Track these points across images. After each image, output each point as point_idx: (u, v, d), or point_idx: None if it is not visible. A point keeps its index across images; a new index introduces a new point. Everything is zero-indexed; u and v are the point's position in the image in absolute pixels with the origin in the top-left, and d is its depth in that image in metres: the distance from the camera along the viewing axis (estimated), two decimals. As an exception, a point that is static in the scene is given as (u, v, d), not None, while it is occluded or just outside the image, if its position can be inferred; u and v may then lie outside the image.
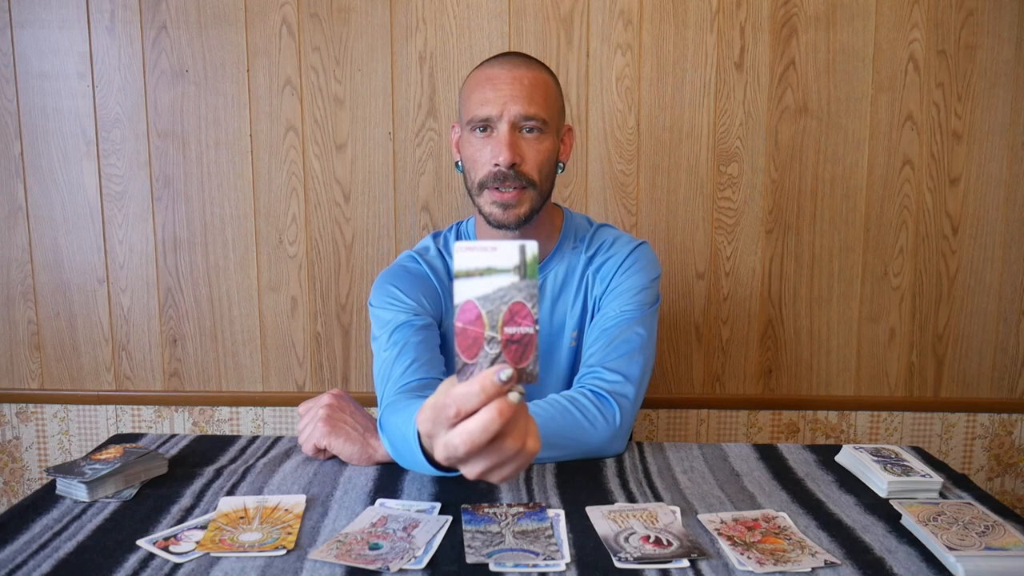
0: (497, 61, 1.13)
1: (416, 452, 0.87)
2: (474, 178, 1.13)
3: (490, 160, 1.10)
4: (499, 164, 1.08)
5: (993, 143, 1.67)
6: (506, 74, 1.09)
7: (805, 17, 1.64)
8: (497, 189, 1.10)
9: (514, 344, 0.59)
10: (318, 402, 1.07)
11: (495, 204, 1.11)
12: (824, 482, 0.98)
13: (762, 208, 1.70)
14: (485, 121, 1.10)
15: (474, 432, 0.58)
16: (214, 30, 1.67)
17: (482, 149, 1.11)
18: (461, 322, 0.59)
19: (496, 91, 1.09)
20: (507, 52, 1.16)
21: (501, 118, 1.09)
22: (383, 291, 1.16)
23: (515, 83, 1.09)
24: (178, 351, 1.77)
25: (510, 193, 1.10)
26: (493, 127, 1.10)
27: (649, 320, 1.16)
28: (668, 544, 0.79)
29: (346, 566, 0.76)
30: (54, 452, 1.81)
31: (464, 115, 1.14)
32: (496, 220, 1.12)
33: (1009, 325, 1.72)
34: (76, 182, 1.72)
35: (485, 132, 1.11)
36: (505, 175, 1.09)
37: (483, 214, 1.14)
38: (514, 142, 1.09)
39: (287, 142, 1.70)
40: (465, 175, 1.17)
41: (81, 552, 0.79)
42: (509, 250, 0.58)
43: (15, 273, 1.75)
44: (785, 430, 1.78)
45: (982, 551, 0.76)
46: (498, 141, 1.09)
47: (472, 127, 1.11)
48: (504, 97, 1.08)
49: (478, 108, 1.10)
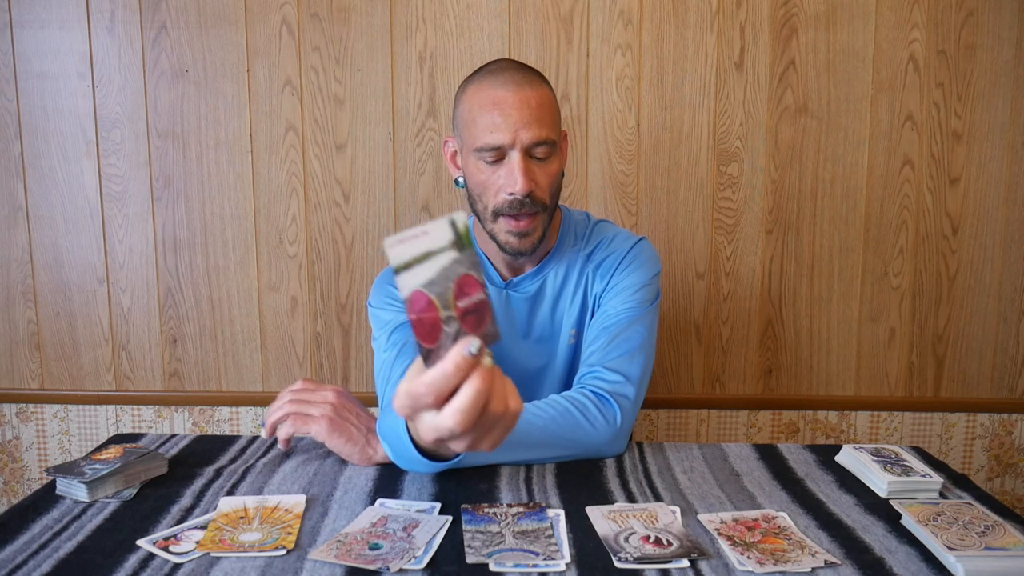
0: (499, 80, 1.08)
1: (407, 445, 0.88)
2: (486, 204, 1.11)
3: (503, 188, 1.08)
4: (515, 193, 1.06)
5: (993, 143, 1.67)
6: (512, 97, 1.06)
7: (805, 17, 1.64)
8: (513, 217, 1.09)
9: (471, 315, 0.59)
10: (318, 396, 1.06)
11: (511, 233, 1.10)
12: (824, 482, 0.98)
13: (762, 208, 1.70)
14: (496, 149, 1.07)
15: (466, 409, 0.59)
16: (214, 30, 1.67)
17: (492, 176, 1.08)
18: (415, 313, 0.59)
19: (505, 117, 1.05)
20: (502, 63, 1.12)
21: (513, 146, 1.06)
22: (382, 291, 1.16)
23: (523, 107, 1.05)
24: (178, 351, 1.77)
25: (525, 221, 1.09)
26: (504, 154, 1.07)
27: (649, 317, 1.15)
28: (668, 544, 0.79)
29: (346, 566, 0.76)
30: (54, 452, 1.81)
31: (469, 140, 1.10)
32: (512, 248, 1.11)
33: (1009, 325, 1.72)
34: (76, 182, 1.72)
35: (494, 159, 1.08)
36: (521, 203, 1.07)
37: (498, 241, 1.12)
38: (528, 169, 1.07)
39: (287, 142, 1.70)
40: (472, 197, 1.14)
41: (81, 552, 0.79)
42: (440, 229, 0.57)
43: (15, 273, 1.75)
44: (785, 430, 1.78)
45: (982, 551, 0.76)
46: (511, 170, 1.06)
47: (480, 154, 1.08)
48: (515, 124, 1.05)
49: (488, 136, 1.06)
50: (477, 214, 1.14)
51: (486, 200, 1.11)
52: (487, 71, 1.12)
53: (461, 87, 1.14)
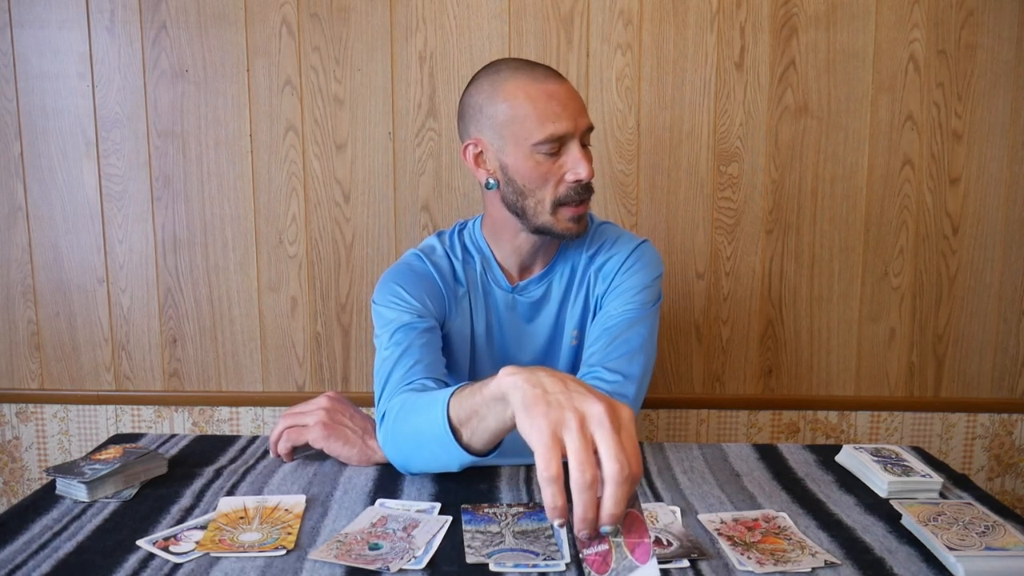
0: (539, 74, 1.09)
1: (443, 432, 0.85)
2: (542, 197, 1.10)
3: (566, 177, 1.09)
4: (581, 179, 1.08)
5: (993, 143, 1.67)
6: (562, 88, 1.08)
7: (805, 17, 1.64)
8: (575, 204, 1.10)
9: (594, 555, 0.66)
10: (311, 405, 1.06)
11: (572, 220, 1.11)
12: (824, 482, 0.98)
13: (762, 208, 1.70)
14: (559, 139, 1.07)
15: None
16: (214, 30, 1.67)
17: (552, 167, 1.08)
18: None
19: (564, 107, 1.07)
20: (519, 61, 1.12)
21: (574, 134, 1.08)
22: (387, 289, 1.16)
23: (574, 96, 1.09)
24: (178, 351, 1.77)
25: (584, 206, 1.11)
26: (564, 143, 1.08)
27: (650, 319, 1.15)
28: (668, 544, 0.79)
29: (346, 566, 0.76)
30: (54, 452, 1.81)
31: (523, 135, 1.07)
32: (573, 235, 1.12)
33: (1009, 325, 1.72)
34: (76, 182, 1.72)
35: (554, 151, 1.08)
36: (586, 188, 1.10)
37: (555, 232, 1.11)
38: (588, 155, 1.10)
39: (287, 142, 1.70)
40: (520, 194, 1.11)
41: (81, 552, 0.79)
42: None
43: (15, 273, 1.75)
44: (785, 430, 1.78)
45: (982, 551, 0.76)
46: (575, 157, 1.08)
47: (540, 147, 1.07)
48: (573, 112, 1.07)
49: (552, 127, 1.06)
50: (525, 213, 1.12)
51: (543, 193, 1.10)
52: (513, 68, 1.10)
53: (487, 86, 1.11)
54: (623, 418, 0.67)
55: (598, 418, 0.66)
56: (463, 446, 0.85)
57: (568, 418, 0.66)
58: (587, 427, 0.66)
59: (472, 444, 0.85)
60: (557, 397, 0.69)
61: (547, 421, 0.66)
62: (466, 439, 0.85)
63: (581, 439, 0.65)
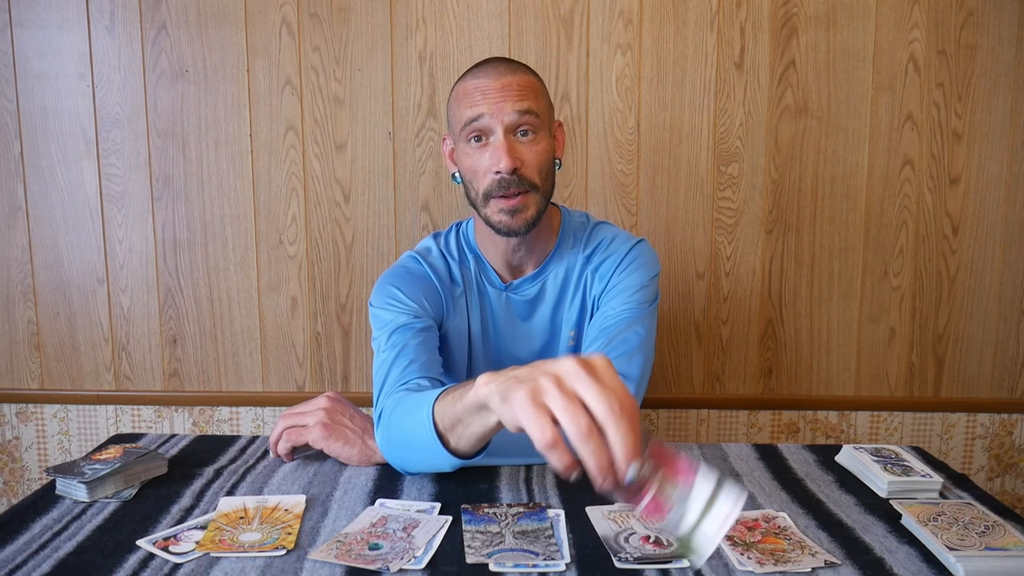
0: (481, 71, 1.11)
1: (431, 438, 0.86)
2: (477, 189, 1.11)
3: (490, 168, 1.09)
4: (500, 171, 1.07)
5: (993, 143, 1.67)
6: (493, 83, 1.08)
7: (805, 17, 1.64)
8: (503, 197, 1.09)
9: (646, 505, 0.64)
10: (311, 405, 1.06)
11: (502, 212, 1.10)
12: (824, 482, 0.98)
13: (762, 208, 1.70)
14: (479, 130, 1.08)
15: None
16: (214, 30, 1.67)
17: (479, 159, 1.10)
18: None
19: (485, 96, 1.08)
20: (489, 59, 1.15)
21: (496, 124, 1.07)
22: (384, 292, 1.16)
23: (504, 89, 1.08)
24: (178, 351, 1.77)
25: (515, 199, 1.09)
26: (488, 135, 1.09)
27: (648, 318, 1.15)
28: (668, 544, 0.79)
29: (346, 566, 0.76)
30: (54, 452, 1.81)
31: (455, 125, 1.13)
32: (506, 227, 1.11)
33: (1009, 325, 1.72)
34: (76, 182, 1.72)
35: (480, 142, 1.09)
36: (508, 181, 1.08)
37: (491, 224, 1.12)
38: (512, 147, 1.08)
39: (287, 142, 1.70)
40: (466, 187, 1.15)
41: (81, 552, 0.79)
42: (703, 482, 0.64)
43: (15, 273, 1.75)
44: (785, 430, 1.78)
45: (982, 551, 0.76)
46: (496, 148, 1.08)
47: (467, 137, 1.10)
48: (494, 99, 1.07)
49: (467, 112, 1.08)
50: (475, 206, 1.15)
51: (477, 185, 1.12)
52: (475, 67, 1.14)
53: (453, 86, 1.16)
54: (598, 365, 0.67)
55: (573, 372, 0.66)
56: (451, 451, 0.87)
57: (544, 383, 0.66)
58: (566, 384, 0.65)
59: (460, 448, 0.86)
60: (527, 373, 0.69)
61: (525, 394, 0.66)
62: (453, 444, 0.86)
63: (563, 396, 0.65)
